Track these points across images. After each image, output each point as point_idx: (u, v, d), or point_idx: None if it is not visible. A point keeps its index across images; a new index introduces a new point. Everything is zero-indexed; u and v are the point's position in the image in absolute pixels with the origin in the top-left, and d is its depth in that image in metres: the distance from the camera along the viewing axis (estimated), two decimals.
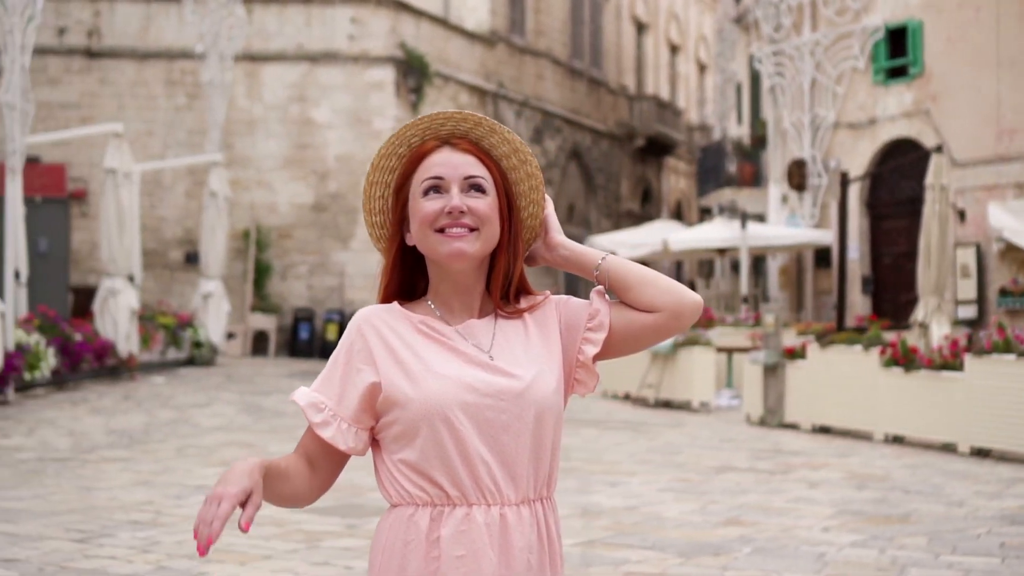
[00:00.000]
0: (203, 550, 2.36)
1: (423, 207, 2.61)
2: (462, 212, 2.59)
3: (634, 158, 45.20)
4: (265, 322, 28.91)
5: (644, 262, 40.76)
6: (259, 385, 20.96)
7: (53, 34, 29.47)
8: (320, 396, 2.61)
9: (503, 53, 36.15)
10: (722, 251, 26.33)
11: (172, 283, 29.21)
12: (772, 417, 16.39)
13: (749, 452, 13.73)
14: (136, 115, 29.44)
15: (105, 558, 7.75)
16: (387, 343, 2.60)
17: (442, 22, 33.08)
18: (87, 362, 19.38)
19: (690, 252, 28.15)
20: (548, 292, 2.80)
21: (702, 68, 53.10)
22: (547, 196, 2.79)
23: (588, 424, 16.56)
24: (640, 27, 46.95)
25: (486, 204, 2.62)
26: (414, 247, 2.68)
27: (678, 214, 48.28)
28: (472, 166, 2.64)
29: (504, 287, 2.70)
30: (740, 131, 33.79)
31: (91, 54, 29.79)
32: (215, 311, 24.39)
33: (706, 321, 20.77)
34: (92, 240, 28.22)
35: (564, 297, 2.80)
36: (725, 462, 12.83)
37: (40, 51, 28.78)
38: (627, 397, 20.40)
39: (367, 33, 30.03)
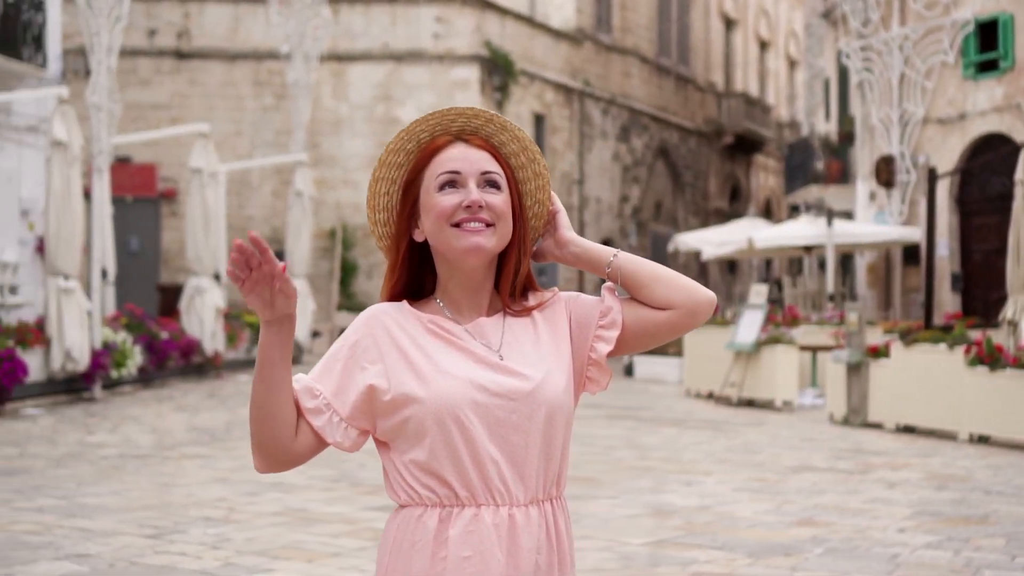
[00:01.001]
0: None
1: (440, 201, 2.58)
2: (481, 207, 2.57)
3: (722, 155, 44.94)
4: (351, 320, 29.02)
5: (732, 261, 40.59)
6: None
7: (144, 36, 29.86)
8: (317, 384, 2.57)
9: (589, 51, 36.08)
10: (808, 249, 26.08)
11: None
12: (855, 416, 16.20)
13: (829, 452, 13.58)
14: (224, 115, 29.76)
15: (175, 554, 7.82)
16: (397, 342, 2.57)
17: (527, 20, 33.08)
18: (173, 360, 19.61)
19: (776, 250, 27.91)
20: (556, 289, 2.77)
21: (792, 64, 52.67)
22: (554, 194, 2.76)
23: (669, 423, 16.47)
24: (728, 23, 46.66)
25: (502, 200, 2.60)
26: (420, 245, 2.65)
27: (767, 211, 47.94)
28: (487, 162, 2.62)
29: (512, 285, 2.67)
30: (828, 127, 33.45)
31: (181, 55, 30.14)
32: (300, 310, 24.54)
33: (790, 319, 20.57)
34: (181, 239, 28.51)
35: (574, 294, 2.77)
36: (804, 462, 12.70)
37: (131, 53, 29.24)
38: (710, 396, 20.27)
39: (452, 32, 30.11)
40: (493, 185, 2.61)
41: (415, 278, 2.68)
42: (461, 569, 2.49)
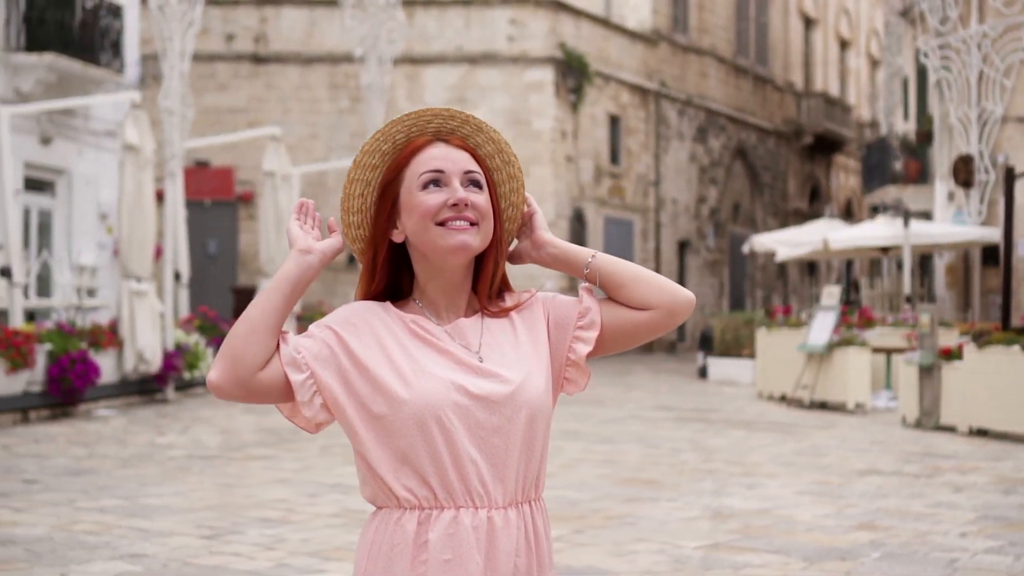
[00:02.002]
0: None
1: (424, 200, 2.56)
2: (467, 205, 2.55)
3: (802, 156, 44.61)
4: None
5: (811, 262, 40.25)
6: None
7: (221, 41, 30.15)
8: (306, 358, 2.52)
9: (665, 51, 35.95)
10: (886, 250, 25.79)
11: (336, 284, 29.61)
12: (928, 419, 16.00)
13: (898, 455, 13.42)
14: (300, 119, 29.98)
15: (229, 555, 7.87)
16: (381, 341, 2.55)
17: (602, 22, 33.02)
18: None
19: (852, 251, 27.63)
20: (534, 290, 2.75)
21: (874, 63, 52.15)
22: (529, 195, 2.75)
23: (738, 425, 16.37)
24: (808, 22, 46.28)
25: (484, 200, 2.59)
26: (396, 246, 2.63)
27: (848, 212, 47.52)
28: (469, 162, 2.61)
29: (491, 286, 2.66)
30: (906, 127, 33.09)
31: (258, 59, 30.40)
32: None
33: (864, 321, 20.35)
34: (258, 242, 28.74)
35: (550, 294, 2.75)
36: (871, 465, 12.56)
37: (209, 57, 29.56)
38: (783, 398, 20.11)
39: (526, 34, 30.12)
40: (476, 184, 2.59)
41: (393, 280, 2.66)
42: (442, 573, 2.47)
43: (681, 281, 37.02)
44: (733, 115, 39.60)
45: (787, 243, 28.21)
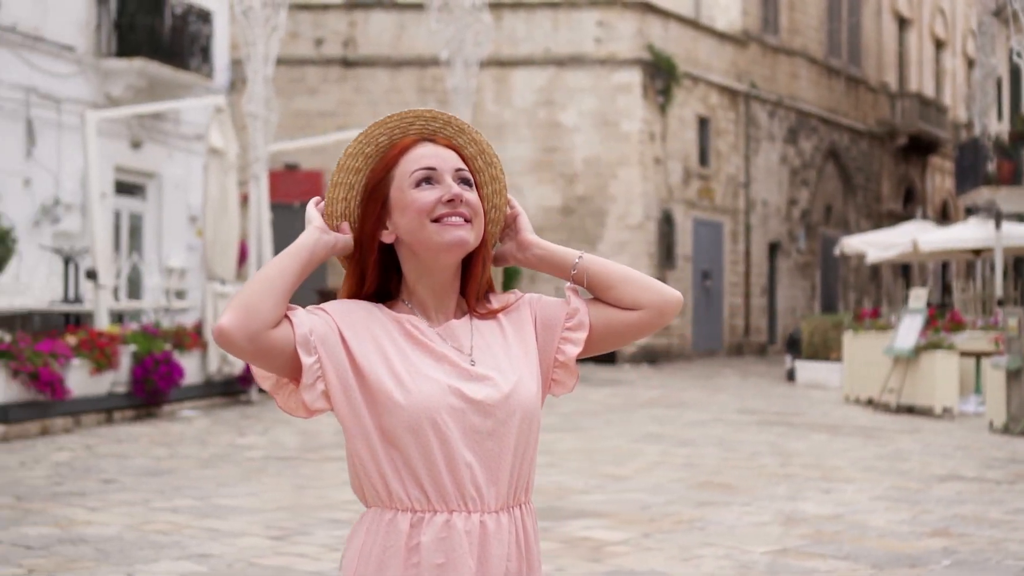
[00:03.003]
0: None
1: (418, 197, 2.53)
2: (461, 200, 2.53)
3: (896, 157, 44.09)
4: None
5: (904, 265, 39.73)
6: None
7: (311, 45, 30.39)
8: (316, 342, 2.47)
9: (755, 52, 35.69)
10: (977, 252, 25.43)
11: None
12: (1015, 424, 15.73)
13: (981, 461, 13.20)
14: None
15: (294, 555, 7.92)
16: (377, 341, 2.51)
17: (691, 23, 32.86)
18: None
19: (942, 253, 27.28)
20: (518, 291, 2.74)
21: (970, 63, 51.36)
22: (511, 197, 2.73)
23: (821, 429, 16.19)
24: (902, 22, 45.73)
25: (475, 197, 2.58)
26: (381, 248, 2.60)
27: (944, 214, 46.89)
28: (458, 160, 2.59)
29: (479, 287, 2.64)
30: (1000, 127, 32.58)
31: (347, 63, 30.59)
32: None
33: (953, 324, 20.05)
34: None
35: (536, 295, 2.75)
36: (952, 471, 12.37)
37: (299, 61, 29.82)
38: (870, 402, 19.87)
39: (614, 36, 30.05)
40: (466, 183, 2.57)
41: (381, 282, 2.63)
42: None
43: (771, 283, 36.75)
44: (825, 116, 39.21)
45: (877, 245, 27.91)
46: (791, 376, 25.74)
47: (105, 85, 22.05)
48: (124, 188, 23.35)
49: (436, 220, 2.52)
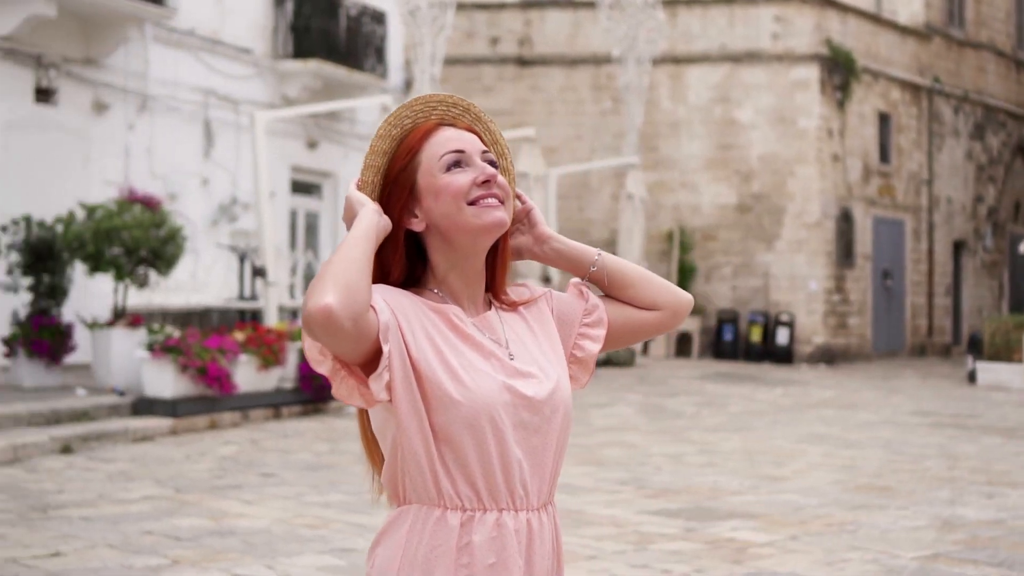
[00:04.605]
0: None
1: (452, 180, 2.46)
2: (496, 181, 2.48)
3: None
4: (689, 324, 28.94)
5: None
6: (669, 386, 21.03)
7: (487, 44, 30.57)
8: (388, 331, 2.36)
9: (939, 46, 34.86)
10: None
11: None
12: None
13: None
14: (564, 120, 30.15)
15: None
16: (427, 332, 2.43)
17: (871, 17, 32.21)
18: None
19: None
20: (529, 284, 2.69)
21: None
22: (520, 192, 2.66)
23: (995, 432, 15.72)
24: None
25: (504, 179, 2.53)
26: (407, 236, 2.52)
27: None
28: (481, 143, 2.54)
29: (505, 277, 2.61)
30: None
31: (522, 62, 30.69)
32: None
33: None
34: None
35: (548, 289, 2.70)
36: None
37: (475, 61, 30.04)
38: None
39: (791, 31, 29.62)
40: (493, 165, 2.53)
41: (408, 272, 2.54)
42: None
43: (956, 283, 35.86)
44: (1014, 111, 38.11)
45: None
46: (972, 378, 25.07)
47: (281, 87, 22.47)
48: (300, 187, 23.77)
49: (472, 203, 2.46)
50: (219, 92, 21.15)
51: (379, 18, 24.19)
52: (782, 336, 28.62)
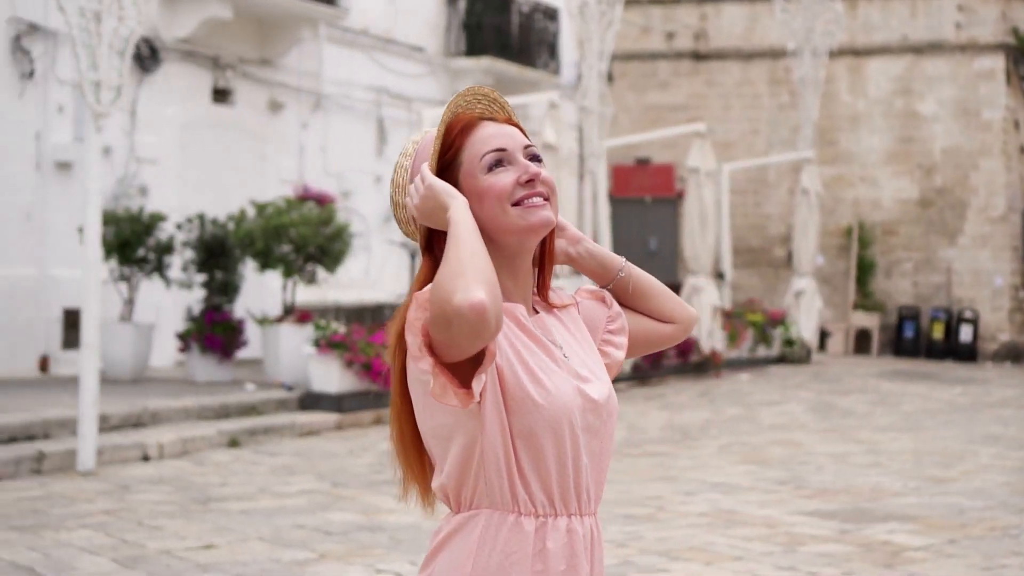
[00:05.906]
0: None
1: (495, 182, 2.39)
2: (539, 178, 2.42)
3: None
4: (868, 320, 28.42)
5: None
6: (843, 384, 20.64)
7: (662, 39, 30.41)
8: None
9: None
10: None
11: (776, 281, 29.28)
12: None
13: None
14: (740, 114, 29.84)
15: None
16: (506, 336, 2.36)
17: None
18: (669, 358, 19.83)
19: None
20: (562, 287, 2.64)
21: None
22: None
23: None
24: None
25: (548, 174, 2.46)
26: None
27: None
28: (523, 137, 2.47)
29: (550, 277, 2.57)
30: None
31: (698, 56, 30.45)
32: (807, 309, 24.23)
33: None
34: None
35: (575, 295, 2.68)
36: None
37: (650, 56, 29.93)
38: None
39: (975, 21, 28.85)
40: (536, 159, 2.46)
41: None
42: None
43: None
44: None
45: None
46: None
47: (454, 84, 22.62)
48: None
49: (516, 204, 2.40)
50: (392, 90, 21.37)
51: (551, 14, 24.23)
52: (965, 333, 27.90)
